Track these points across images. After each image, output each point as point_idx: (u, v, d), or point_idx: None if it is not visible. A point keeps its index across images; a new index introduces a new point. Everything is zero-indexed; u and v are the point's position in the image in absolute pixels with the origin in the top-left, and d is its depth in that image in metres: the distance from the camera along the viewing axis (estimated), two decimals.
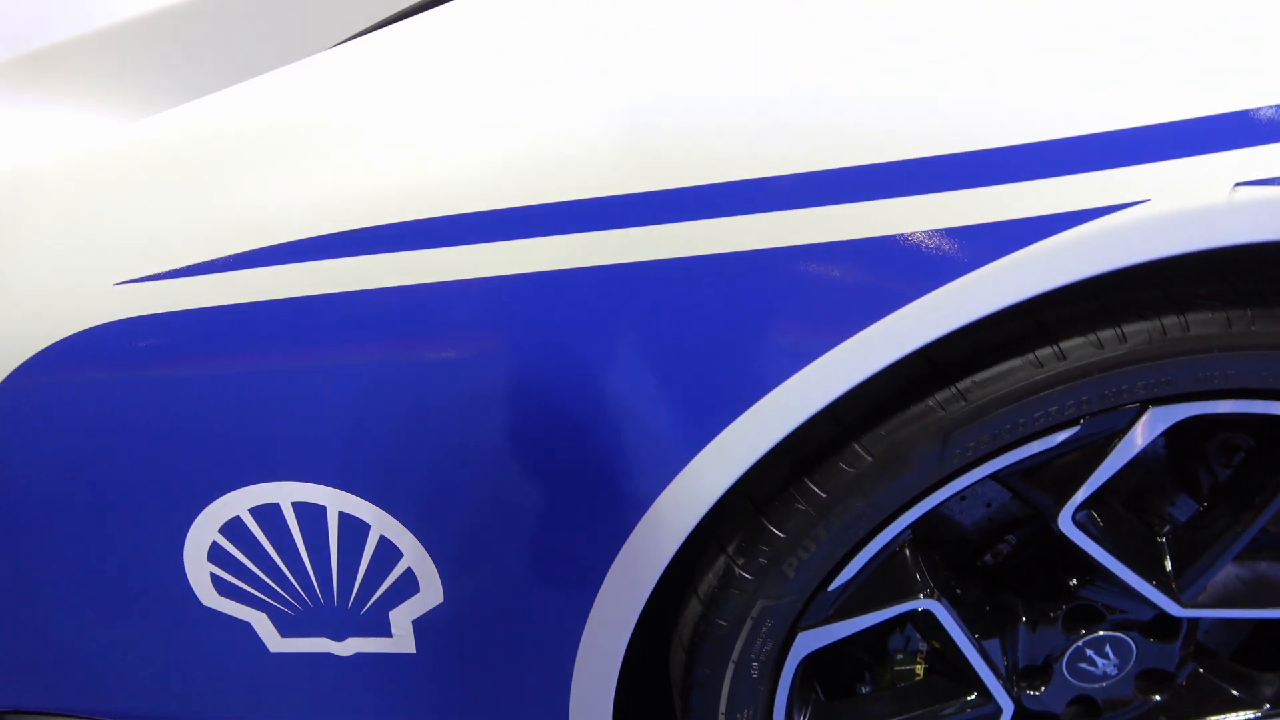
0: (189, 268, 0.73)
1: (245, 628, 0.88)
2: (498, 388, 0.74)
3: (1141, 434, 0.80)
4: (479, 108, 0.72)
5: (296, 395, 0.75)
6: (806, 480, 0.81)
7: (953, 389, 0.77)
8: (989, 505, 0.97)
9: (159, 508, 0.81)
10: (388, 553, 0.82)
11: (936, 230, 0.67)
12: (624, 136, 0.70)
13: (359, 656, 0.89)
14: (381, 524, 0.80)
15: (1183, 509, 0.95)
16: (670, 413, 0.74)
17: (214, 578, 0.85)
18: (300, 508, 0.80)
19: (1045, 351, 0.76)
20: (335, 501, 0.80)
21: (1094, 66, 0.67)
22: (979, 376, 0.76)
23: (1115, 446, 0.81)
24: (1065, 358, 0.76)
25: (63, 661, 0.92)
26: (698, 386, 0.73)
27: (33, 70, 0.86)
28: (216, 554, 0.83)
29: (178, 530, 0.82)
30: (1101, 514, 0.89)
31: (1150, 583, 0.90)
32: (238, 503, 0.80)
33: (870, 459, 0.78)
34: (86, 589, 0.86)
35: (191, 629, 0.88)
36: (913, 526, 0.85)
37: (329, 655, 0.89)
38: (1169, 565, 0.92)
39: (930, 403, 0.77)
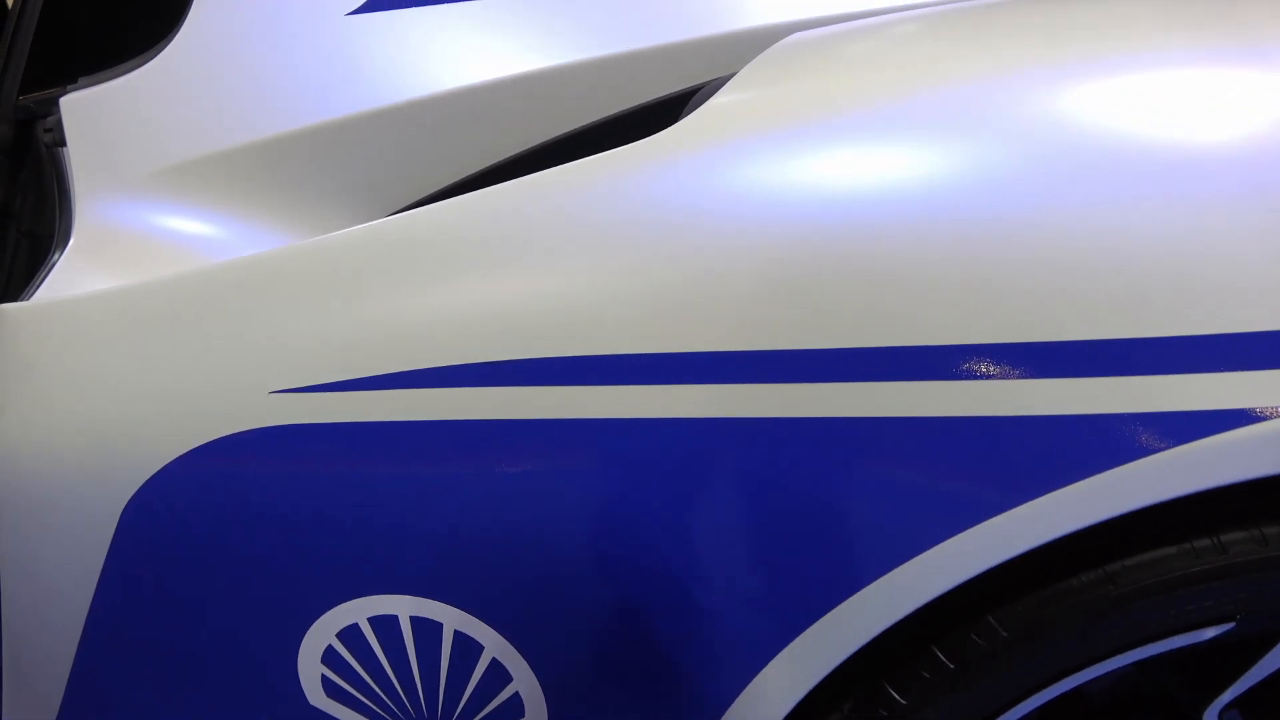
0: (341, 383, 0.74)
1: None
2: (625, 528, 0.74)
3: None
4: (639, 250, 0.73)
5: (429, 515, 0.76)
6: (934, 647, 0.77)
7: (1101, 571, 0.73)
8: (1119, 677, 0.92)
9: (284, 607, 0.82)
10: (498, 675, 0.81)
11: (1108, 414, 0.65)
12: (773, 289, 0.70)
13: None
14: (496, 647, 0.80)
15: None
16: (807, 567, 0.72)
17: (324, 679, 0.85)
18: (418, 622, 0.81)
19: (1203, 543, 0.72)
20: (453, 620, 0.80)
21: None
22: (1129, 561, 0.73)
23: (1272, 648, 0.76)
24: (1225, 551, 0.72)
25: None
26: (841, 543, 0.71)
27: (205, 177, 0.90)
28: (330, 656, 0.84)
29: (297, 631, 0.83)
30: (1247, 710, 0.84)
31: None
32: (359, 610, 0.81)
33: (1005, 635, 0.75)
34: (200, 674, 0.88)
35: None
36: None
37: None
38: None
39: (1075, 583, 0.74)
